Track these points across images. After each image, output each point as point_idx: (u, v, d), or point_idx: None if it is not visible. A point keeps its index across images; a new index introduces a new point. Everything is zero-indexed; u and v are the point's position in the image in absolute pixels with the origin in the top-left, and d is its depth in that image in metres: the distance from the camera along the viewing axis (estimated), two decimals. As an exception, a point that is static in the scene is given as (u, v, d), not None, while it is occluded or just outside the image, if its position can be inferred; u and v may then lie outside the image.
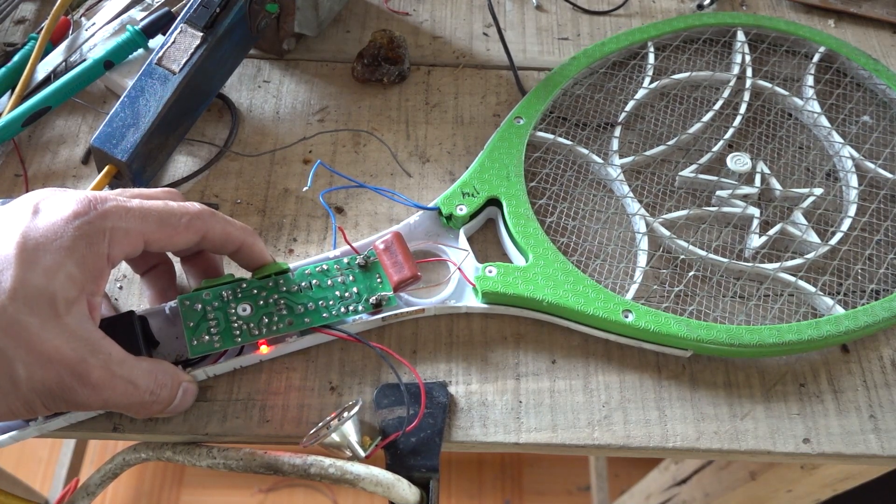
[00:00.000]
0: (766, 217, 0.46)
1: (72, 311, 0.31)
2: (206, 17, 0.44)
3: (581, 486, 1.16)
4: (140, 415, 0.35)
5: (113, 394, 0.32)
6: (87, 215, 0.32)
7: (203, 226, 0.35)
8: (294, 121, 0.49)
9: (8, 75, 0.48)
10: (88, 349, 0.31)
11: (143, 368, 0.33)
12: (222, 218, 0.36)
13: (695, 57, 0.53)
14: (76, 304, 0.31)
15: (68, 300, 0.31)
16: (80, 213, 0.32)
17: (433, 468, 0.36)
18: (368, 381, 0.39)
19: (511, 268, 0.41)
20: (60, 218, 0.31)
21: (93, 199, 0.32)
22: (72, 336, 0.31)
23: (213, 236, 0.36)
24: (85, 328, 0.31)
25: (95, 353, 0.31)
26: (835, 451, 0.39)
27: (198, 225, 0.35)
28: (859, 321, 0.41)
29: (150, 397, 0.34)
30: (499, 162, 0.45)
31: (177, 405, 0.36)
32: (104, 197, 0.33)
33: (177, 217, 0.34)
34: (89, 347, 0.31)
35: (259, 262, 0.38)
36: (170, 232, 0.34)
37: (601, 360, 0.41)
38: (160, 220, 0.34)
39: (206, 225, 0.35)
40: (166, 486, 1.13)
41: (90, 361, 0.31)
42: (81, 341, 0.31)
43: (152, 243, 0.34)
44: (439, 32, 0.55)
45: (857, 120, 0.51)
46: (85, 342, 0.31)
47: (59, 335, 0.30)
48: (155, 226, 0.34)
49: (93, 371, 0.31)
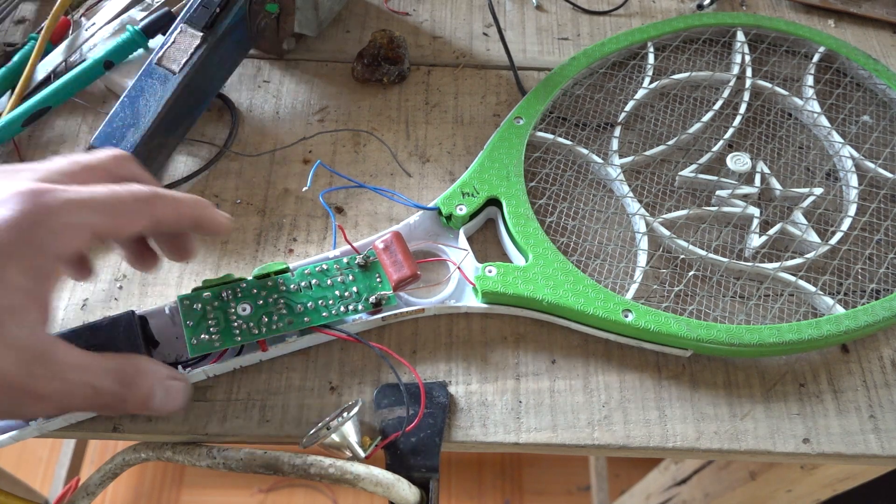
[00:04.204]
0: (766, 217, 0.46)
1: (17, 322, 0.28)
2: (206, 18, 0.44)
3: (581, 486, 1.16)
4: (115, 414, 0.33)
5: (71, 400, 0.30)
6: (29, 215, 0.29)
7: (153, 211, 0.32)
8: (294, 121, 0.49)
9: (8, 75, 0.48)
10: (35, 361, 0.29)
11: (104, 369, 0.31)
12: (169, 196, 0.33)
13: (695, 57, 0.53)
14: (21, 313, 0.28)
15: (12, 310, 0.28)
16: (24, 213, 0.29)
17: (433, 468, 0.36)
18: (368, 381, 0.39)
19: (511, 268, 0.41)
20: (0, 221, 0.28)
21: (35, 192, 0.29)
22: (15, 349, 0.28)
23: (165, 218, 0.33)
24: (31, 336, 0.29)
25: (44, 364, 0.29)
26: (835, 451, 0.39)
27: (148, 211, 0.32)
28: (859, 321, 0.41)
29: (112, 399, 0.32)
30: (499, 162, 0.45)
31: (161, 403, 0.33)
32: (48, 188, 0.30)
33: (126, 204, 0.31)
34: (36, 358, 0.29)
35: (220, 231, 0.36)
36: (122, 221, 0.31)
37: (601, 360, 0.41)
38: (110, 209, 0.31)
39: (156, 210, 0.32)
40: (166, 486, 1.13)
41: (37, 373, 0.29)
42: (26, 352, 0.28)
43: (103, 234, 0.31)
44: (439, 32, 0.55)
45: (857, 120, 0.51)
46: (30, 353, 0.29)
47: (2, 353, 0.28)
48: (103, 217, 0.31)
49: (40, 384, 0.29)
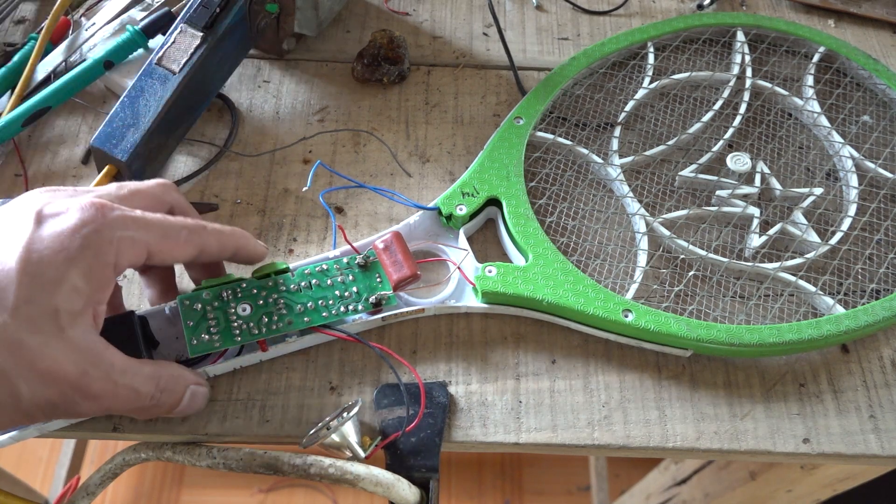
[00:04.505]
0: (766, 217, 0.46)
1: (75, 325, 0.31)
2: (206, 18, 0.44)
3: (581, 486, 1.16)
4: (144, 417, 0.35)
5: (115, 402, 0.32)
6: (93, 224, 0.31)
7: (200, 240, 0.35)
8: (294, 121, 0.49)
9: (8, 75, 0.48)
10: (90, 362, 0.31)
11: (146, 374, 0.33)
12: (215, 229, 0.36)
13: (695, 57, 0.53)
14: (80, 317, 0.31)
15: (72, 313, 0.30)
16: (87, 221, 0.31)
17: (433, 468, 0.36)
18: (368, 381, 0.39)
19: (511, 267, 0.41)
20: (66, 228, 0.31)
21: (99, 206, 0.32)
22: (74, 350, 0.30)
23: (210, 249, 0.36)
24: (87, 340, 0.31)
25: (97, 365, 0.31)
26: (835, 451, 0.39)
27: (195, 240, 0.35)
28: (859, 321, 0.41)
29: (151, 402, 0.34)
30: (499, 162, 0.45)
31: (184, 407, 0.35)
32: (110, 206, 0.32)
33: (176, 230, 0.34)
34: (91, 360, 0.31)
35: (257, 260, 0.39)
36: (171, 245, 0.34)
37: (601, 360, 0.41)
38: (163, 232, 0.34)
39: (202, 239, 0.35)
40: (166, 486, 1.13)
41: (92, 374, 0.31)
42: (83, 354, 0.31)
43: (155, 255, 0.34)
44: (439, 32, 0.55)
45: (857, 120, 0.51)
46: (87, 355, 0.31)
47: (61, 351, 0.30)
48: (158, 237, 0.33)
49: (94, 384, 0.31)
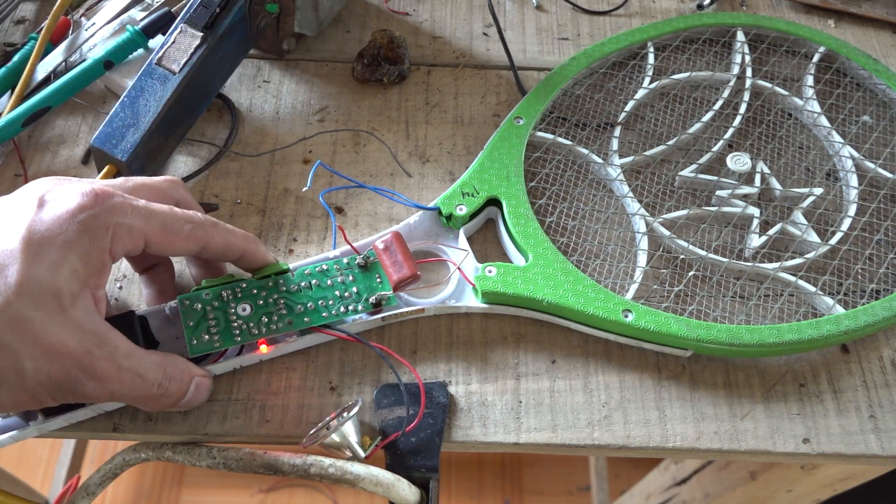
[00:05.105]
0: (766, 217, 0.46)
1: (76, 305, 0.31)
2: (206, 17, 0.44)
3: (581, 486, 1.16)
4: (150, 407, 0.35)
5: (120, 386, 0.32)
6: (91, 209, 0.32)
7: (204, 236, 0.36)
8: (294, 121, 0.49)
9: (8, 75, 0.48)
10: (94, 342, 0.31)
11: (152, 361, 0.34)
12: (224, 228, 0.37)
13: (695, 57, 0.53)
14: (80, 298, 0.31)
15: (73, 294, 0.31)
16: (86, 206, 0.32)
17: (433, 468, 0.36)
18: (368, 381, 0.39)
19: (511, 268, 0.41)
20: (65, 211, 0.31)
21: (99, 192, 0.32)
22: (77, 329, 0.31)
23: (214, 247, 0.36)
24: (90, 321, 0.32)
25: (101, 346, 0.32)
26: (835, 451, 0.39)
27: (199, 235, 0.35)
28: (859, 321, 0.41)
29: (158, 390, 0.34)
30: (499, 162, 0.45)
31: (189, 399, 0.36)
32: (110, 192, 0.33)
33: (180, 223, 0.35)
34: (95, 340, 0.31)
35: (262, 266, 0.39)
36: (171, 237, 0.34)
37: (601, 360, 0.41)
38: (163, 223, 0.34)
39: (208, 235, 0.36)
40: (166, 486, 1.13)
41: (96, 354, 0.31)
42: (87, 334, 0.31)
43: (153, 245, 0.34)
44: (439, 32, 0.55)
45: (857, 120, 0.51)
46: (91, 335, 0.31)
47: (64, 329, 0.31)
48: (158, 227, 0.34)
49: (98, 363, 0.31)
